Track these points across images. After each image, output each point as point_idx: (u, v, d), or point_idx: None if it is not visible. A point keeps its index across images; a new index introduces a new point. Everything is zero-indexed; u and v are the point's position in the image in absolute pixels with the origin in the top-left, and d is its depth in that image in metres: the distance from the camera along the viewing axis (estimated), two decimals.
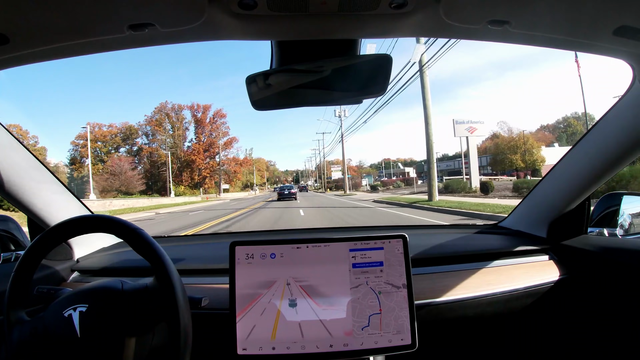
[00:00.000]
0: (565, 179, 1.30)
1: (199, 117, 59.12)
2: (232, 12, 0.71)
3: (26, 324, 0.80)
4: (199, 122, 59.56)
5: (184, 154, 58.71)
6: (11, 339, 0.79)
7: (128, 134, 56.62)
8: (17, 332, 0.79)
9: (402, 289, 0.99)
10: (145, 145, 58.00)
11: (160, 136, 57.46)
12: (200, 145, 59.52)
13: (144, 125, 57.68)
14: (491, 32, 0.81)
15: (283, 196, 27.85)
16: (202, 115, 59.23)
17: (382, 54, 0.89)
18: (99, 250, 1.47)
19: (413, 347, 0.97)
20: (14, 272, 0.82)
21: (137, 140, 57.70)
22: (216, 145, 60.12)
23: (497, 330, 1.38)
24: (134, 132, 56.99)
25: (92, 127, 51.04)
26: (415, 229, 1.81)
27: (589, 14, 0.74)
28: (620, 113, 1.06)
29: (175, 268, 0.81)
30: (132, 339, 0.78)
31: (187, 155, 58.78)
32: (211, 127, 60.49)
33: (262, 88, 0.93)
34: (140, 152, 57.44)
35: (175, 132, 58.38)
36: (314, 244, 1.00)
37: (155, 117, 58.09)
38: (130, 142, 56.98)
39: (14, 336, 0.79)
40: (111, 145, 55.41)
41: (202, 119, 59.23)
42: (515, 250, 1.35)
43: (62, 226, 0.83)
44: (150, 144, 58.39)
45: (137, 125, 57.84)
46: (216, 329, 1.08)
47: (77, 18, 0.70)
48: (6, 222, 1.31)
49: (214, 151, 60.07)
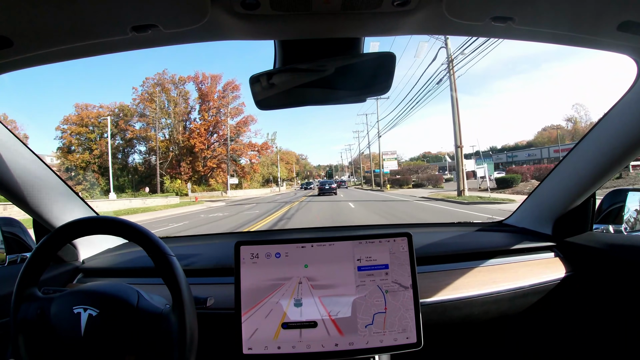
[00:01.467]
0: (571, 176, 1.29)
1: (204, 90, 45.13)
2: (235, 12, 0.71)
3: (36, 302, 0.81)
4: (204, 96, 45.29)
5: (183, 137, 45.21)
6: (17, 315, 0.80)
7: (121, 115, 43.61)
8: (24, 308, 0.80)
9: (409, 289, 0.99)
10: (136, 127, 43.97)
11: (151, 113, 43.04)
12: (203, 124, 45.34)
13: (139, 104, 43.78)
14: (494, 29, 0.81)
15: (324, 191, 28.48)
16: (208, 88, 45.08)
17: (386, 52, 0.89)
18: (105, 251, 1.47)
19: (418, 345, 0.96)
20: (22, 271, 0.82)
21: (131, 123, 44.02)
22: (224, 125, 46.08)
23: (503, 328, 1.37)
24: (127, 112, 43.74)
25: (79, 108, 40.80)
26: (420, 227, 1.80)
27: (593, 9, 0.73)
28: (624, 108, 1.05)
29: (181, 267, 0.82)
30: (132, 357, 0.78)
31: (187, 139, 45.09)
32: (220, 103, 45.56)
33: (266, 88, 0.93)
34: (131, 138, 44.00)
35: (174, 109, 44.51)
36: (319, 243, 1.00)
37: (146, 91, 43.87)
38: (124, 125, 43.38)
39: (21, 312, 0.80)
40: (103, 130, 42.23)
41: (207, 92, 45.12)
42: (520, 248, 1.34)
43: (68, 227, 0.84)
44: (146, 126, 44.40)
45: (132, 105, 44.08)
46: (222, 328, 1.08)
47: (81, 20, 0.71)
48: (12, 225, 1.32)
49: (223, 134, 46.15)
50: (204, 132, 45.36)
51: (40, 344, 0.79)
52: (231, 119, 47.06)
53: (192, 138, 44.89)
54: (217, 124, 46.30)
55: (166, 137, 45.38)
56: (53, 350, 0.79)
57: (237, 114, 47.52)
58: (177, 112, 45.30)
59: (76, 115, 40.46)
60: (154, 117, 43.18)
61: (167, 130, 45.58)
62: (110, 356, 0.78)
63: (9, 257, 1.24)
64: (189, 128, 45.88)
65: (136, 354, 0.79)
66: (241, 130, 48.17)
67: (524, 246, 1.35)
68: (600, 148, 1.15)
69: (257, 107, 0.98)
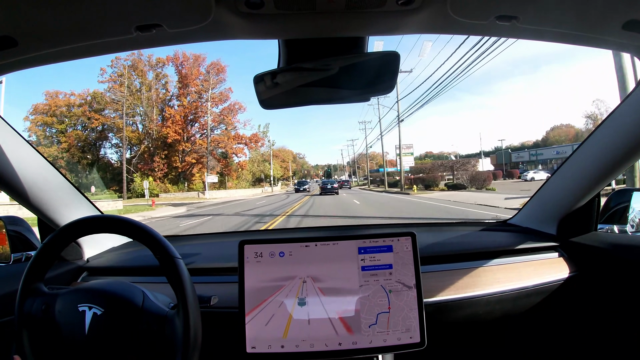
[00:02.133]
0: (575, 176, 1.28)
1: (184, 73, 38.07)
2: (239, 11, 0.72)
3: (42, 296, 0.82)
4: (183, 78, 38.02)
5: (157, 127, 37.66)
6: (22, 309, 0.80)
7: (94, 104, 36.66)
8: (29, 303, 0.81)
9: (413, 289, 0.98)
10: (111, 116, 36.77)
11: (120, 98, 35.79)
12: (180, 110, 37.66)
13: (111, 89, 36.66)
14: (499, 28, 0.81)
15: (326, 191, 27.88)
16: (188, 69, 37.81)
17: (390, 52, 0.89)
18: (109, 250, 1.48)
19: (422, 345, 0.96)
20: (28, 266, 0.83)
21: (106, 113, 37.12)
22: (204, 111, 37.96)
23: (507, 328, 1.37)
24: (101, 100, 36.83)
25: (49, 96, 35.19)
26: (424, 226, 1.80)
27: (598, 8, 0.73)
28: (629, 108, 1.05)
29: (187, 270, 0.82)
30: (134, 357, 0.79)
31: (160, 128, 37.47)
32: (201, 87, 38.08)
33: (270, 87, 0.94)
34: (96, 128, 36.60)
35: (148, 94, 37.18)
36: (323, 242, 1.00)
37: (115, 72, 36.70)
38: (95, 114, 36.36)
39: (26, 307, 0.81)
40: (73, 121, 36.41)
41: (188, 74, 37.84)
42: (524, 248, 1.34)
43: (74, 225, 0.84)
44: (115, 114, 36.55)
45: (107, 92, 36.92)
46: (225, 327, 1.08)
47: (85, 20, 0.71)
48: (17, 223, 1.32)
49: (205, 124, 38.38)
50: (180, 120, 37.82)
51: (44, 340, 0.80)
52: (215, 106, 39.73)
53: (166, 127, 37.11)
54: (197, 111, 38.68)
55: (138, 127, 38.34)
56: (56, 348, 0.79)
57: (222, 100, 39.81)
58: (152, 98, 38.05)
59: (44, 104, 35.44)
60: (123, 103, 36.31)
61: (141, 119, 38.28)
62: (113, 355, 0.78)
63: (13, 256, 1.24)
64: (163, 116, 38.31)
65: (138, 355, 0.79)
66: (226, 119, 40.16)
67: (528, 246, 1.34)
68: (605, 147, 1.15)
69: (261, 106, 0.98)
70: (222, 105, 40.27)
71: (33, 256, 0.84)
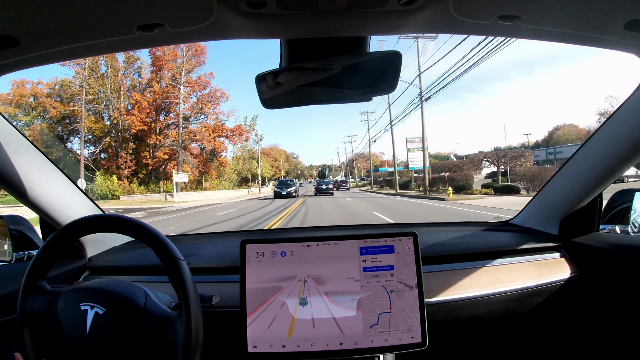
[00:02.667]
0: (577, 176, 1.28)
1: (157, 54, 32.20)
2: (241, 11, 0.72)
3: (44, 294, 0.82)
4: (157, 60, 32.44)
5: (123, 117, 31.58)
6: (24, 307, 0.81)
7: (61, 93, 30.80)
8: (32, 300, 0.81)
9: (414, 289, 0.98)
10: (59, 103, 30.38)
11: (78, 81, 29.58)
12: (149, 96, 31.65)
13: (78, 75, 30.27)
14: (501, 28, 0.80)
15: (321, 191, 26.85)
16: (162, 50, 31.21)
17: (392, 51, 0.89)
18: (111, 249, 1.48)
19: (423, 345, 0.96)
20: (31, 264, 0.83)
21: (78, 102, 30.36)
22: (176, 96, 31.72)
23: (508, 328, 1.37)
24: (67, 89, 30.65)
25: (15, 85, 29.73)
26: (426, 226, 1.80)
27: (600, 7, 0.73)
28: (632, 108, 1.04)
29: (189, 271, 0.82)
30: (135, 357, 0.79)
31: (124, 116, 31.53)
32: (176, 71, 32.47)
33: (272, 86, 0.94)
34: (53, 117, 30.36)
35: (113, 78, 31.30)
36: (324, 242, 1.00)
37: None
38: (55, 103, 30.33)
39: (28, 304, 0.81)
40: (39, 112, 31.15)
41: (161, 56, 32.10)
42: (526, 248, 1.34)
43: (77, 224, 0.84)
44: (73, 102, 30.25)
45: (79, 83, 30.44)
46: (227, 326, 1.08)
47: (87, 20, 0.71)
48: (19, 222, 1.33)
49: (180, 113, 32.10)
50: (147, 107, 31.55)
51: (45, 338, 0.80)
52: (193, 93, 33.59)
53: (130, 114, 30.85)
54: (171, 97, 32.32)
55: (104, 117, 31.80)
56: (58, 346, 0.79)
57: (201, 86, 33.51)
58: (119, 83, 31.78)
59: (8, 94, 30.43)
60: (83, 87, 29.84)
61: (104, 107, 31.77)
62: (114, 355, 0.78)
63: (15, 255, 1.25)
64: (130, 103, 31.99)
65: (139, 355, 0.79)
66: (205, 108, 33.69)
67: (530, 246, 1.34)
68: (607, 148, 1.15)
69: (263, 105, 0.98)
70: (200, 93, 34.20)
71: (35, 255, 0.84)
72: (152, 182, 32.23)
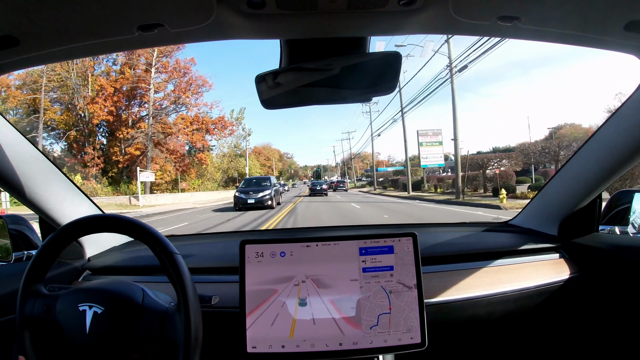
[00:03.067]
0: (577, 177, 1.28)
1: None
2: (241, 11, 0.72)
3: (42, 298, 0.82)
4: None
5: (87, 104, 27.62)
6: (23, 311, 0.81)
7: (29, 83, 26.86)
8: (30, 305, 0.81)
9: (414, 289, 0.98)
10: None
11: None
12: (117, 82, 27.98)
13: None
14: (501, 28, 0.81)
15: (315, 192, 26.57)
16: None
17: (392, 52, 0.89)
18: (110, 249, 1.48)
19: (423, 345, 0.96)
20: (28, 268, 0.83)
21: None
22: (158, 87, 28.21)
23: (508, 329, 1.37)
24: (38, 80, 26.86)
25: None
26: (425, 227, 1.80)
27: (600, 9, 0.73)
28: (631, 109, 1.05)
29: (185, 265, 0.82)
30: (136, 354, 0.79)
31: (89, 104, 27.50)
32: (150, 53, 28.30)
33: (272, 87, 0.94)
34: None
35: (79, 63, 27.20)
36: (324, 243, 1.00)
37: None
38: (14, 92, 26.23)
39: (27, 309, 0.81)
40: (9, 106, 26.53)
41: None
42: (526, 249, 1.34)
43: (75, 225, 0.84)
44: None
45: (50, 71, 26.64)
46: (226, 327, 1.08)
47: (87, 19, 0.71)
48: (18, 222, 1.33)
49: (153, 104, 28.77)
50: (115, 94, 27.62)
51: (46, 340, 0.80)
52: (169, 80, 29.22)
53: (93, 103, 26.78)
54: (143, 85, 28.02)
55: (68, 107, 27.71)
56: (58, 347, 0.79)
57: (179, 73, 29.29)
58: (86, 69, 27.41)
59: None
60: (43, 72, 25.62)
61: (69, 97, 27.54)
62: (114, 353, 0.78)
63: (15, 255, 1.24)
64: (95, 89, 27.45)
65: (140, 352, 0.79)
66: (184, 95, 29.44)
67: (529, 247, 1.34)
68: (607, 148, 1.15)
69: (263, 106, 0.98)
70: (180, 79, 29.82)
71: (33, 257, 0.84)
72: (124, 182, 28.28)
